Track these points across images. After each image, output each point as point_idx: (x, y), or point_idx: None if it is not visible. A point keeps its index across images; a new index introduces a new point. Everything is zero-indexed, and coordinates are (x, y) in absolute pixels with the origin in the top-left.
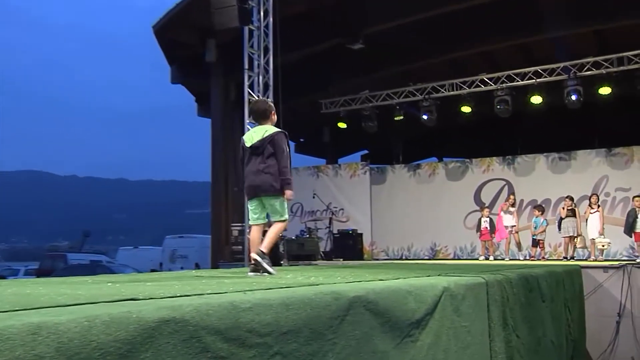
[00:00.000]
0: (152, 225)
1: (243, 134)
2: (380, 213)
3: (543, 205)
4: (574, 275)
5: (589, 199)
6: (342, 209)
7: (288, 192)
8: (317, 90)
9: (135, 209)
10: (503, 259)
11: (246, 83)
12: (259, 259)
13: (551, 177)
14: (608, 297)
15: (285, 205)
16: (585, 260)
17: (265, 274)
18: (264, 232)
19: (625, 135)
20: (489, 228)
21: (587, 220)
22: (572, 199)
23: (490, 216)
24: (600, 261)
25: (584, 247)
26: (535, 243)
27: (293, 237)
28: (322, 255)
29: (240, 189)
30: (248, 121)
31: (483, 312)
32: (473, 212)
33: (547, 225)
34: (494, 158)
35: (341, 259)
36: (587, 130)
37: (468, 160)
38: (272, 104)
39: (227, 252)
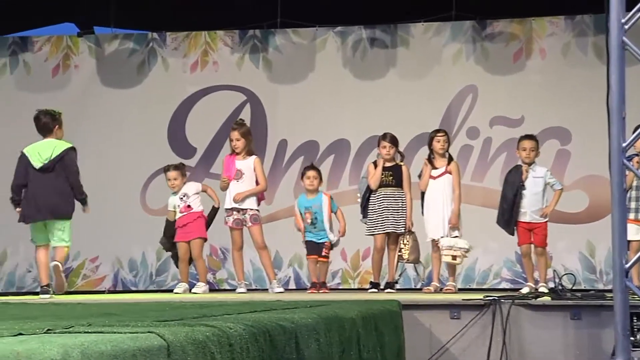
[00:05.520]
0: None
1: None
2: None
3: (317, 167)
4: (386, 328)
5: (430, 144)
6: None
7: (88, 208)
8: None
9: None
10: (239, 289)
11: None
12: (61, 267)
13: (351, 85)
14: None
15: (70, 229)
16: (420, 289)
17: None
18: None
19: None
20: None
21: (423, 195)
22: (394, 141)
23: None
24: (450, 292)
25: (417, 260)
26: (315, 249)
27: None
28: None
29: (16, 206)
30: None
31: None
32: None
33: (337, 212)
34: (220, 33)
35: None
36: None
37: (156, 34)
38: (57, 117)
39: None
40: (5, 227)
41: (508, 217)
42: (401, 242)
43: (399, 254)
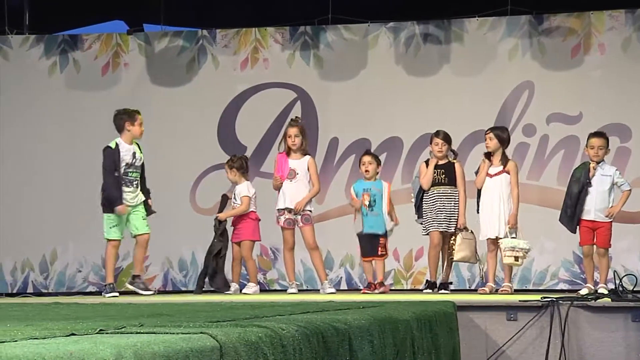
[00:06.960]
0: None
1: None
2: None
3: (377, 156)
4: (441, 329)
5: (485, 141)
6: None
7: (118, 208)
8: None
9: None
10: (290, 290)
11: None
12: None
13: (404, 82)
14: None
15: (107, 224)
16: (475, 291)
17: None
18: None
19: None
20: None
21: (479, 193)
22: (447, 138)
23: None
24: (506, 293)
25: (474, 258)
26: (370, 250)
27: None
28: None
29: None
30: None
31: None
32: (218, 167)
33: (390, 205)
34: (270, 30)
35: None
36: None
37: (206, 31)
38: (124, 113)
39: None
40: (55, 226)
41: (571, 213)
42: (451, 240)
43: (452, 249)
